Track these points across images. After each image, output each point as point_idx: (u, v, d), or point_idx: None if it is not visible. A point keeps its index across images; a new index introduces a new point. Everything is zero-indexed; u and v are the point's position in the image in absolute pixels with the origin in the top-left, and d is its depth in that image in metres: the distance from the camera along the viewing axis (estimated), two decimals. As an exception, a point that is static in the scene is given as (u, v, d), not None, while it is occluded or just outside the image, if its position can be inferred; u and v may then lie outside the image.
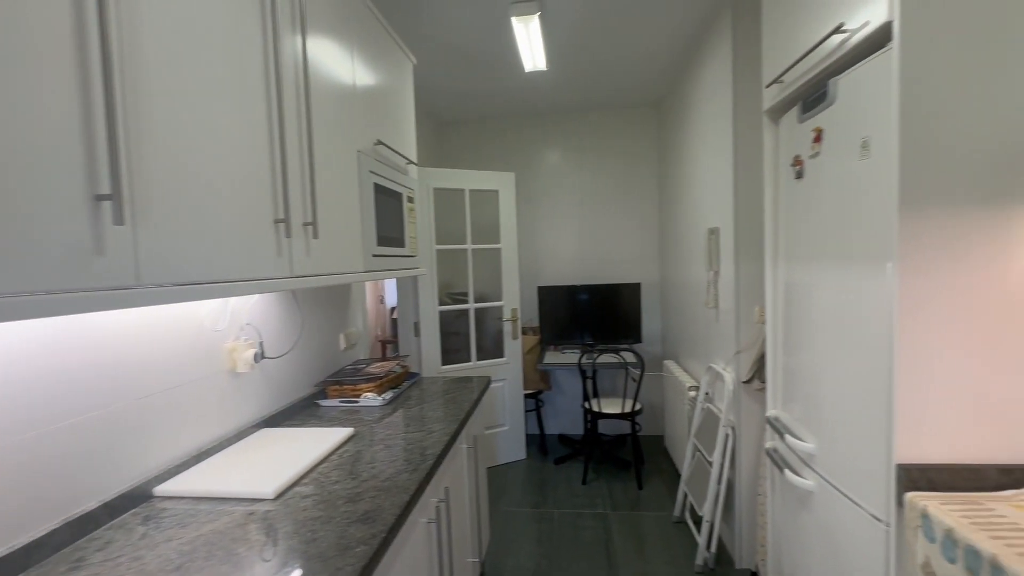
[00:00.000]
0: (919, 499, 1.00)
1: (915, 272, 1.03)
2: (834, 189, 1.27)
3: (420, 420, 1.62)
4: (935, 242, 1.02)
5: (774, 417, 1.66)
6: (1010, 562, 0.79)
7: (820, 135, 1.32)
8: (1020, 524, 0.89)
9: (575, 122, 3.76)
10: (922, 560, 0.98)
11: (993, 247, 1.01)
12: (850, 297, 1.21)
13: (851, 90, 1.19)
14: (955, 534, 0.90)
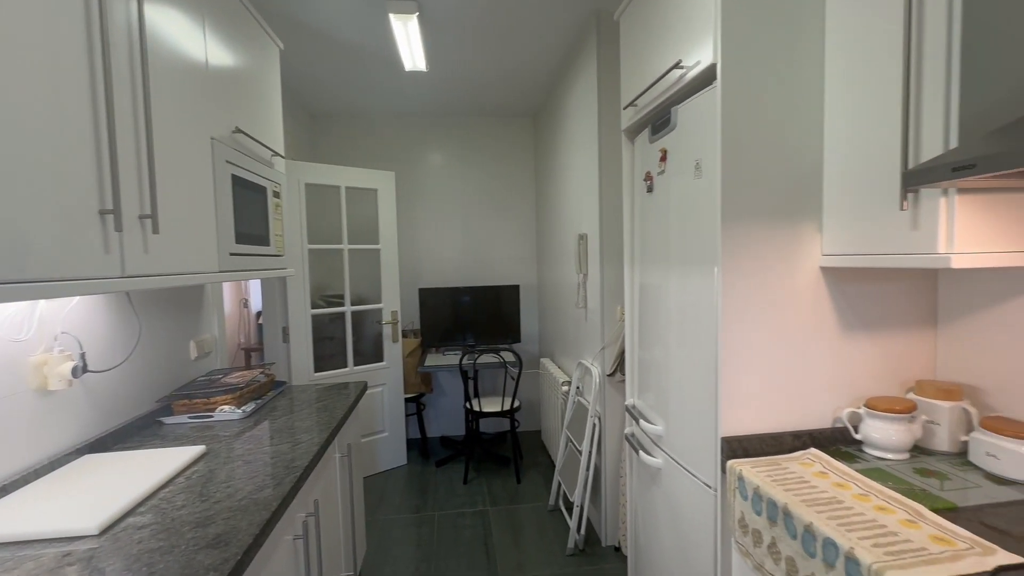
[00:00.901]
0: (736, 465, 1.19)
1: (733, 274, 1.23)
2: (676, 203, 1.46)
3: (287, 431, 1.52)
4: (747, 249, 1.23)
5: (631, 405, 1.85)
6: (796, 508, 0.98)
7: (666, 155, 1.51)
8: (804, 478, 1.11)
9: (458, 126, 3.80)
10: (739, 515, 1.17)
11: (786, 252, 1.24)
12: (689, 297, 1.40)
13: (688, 118, 1.38)
14: (760, 491, 1.09)
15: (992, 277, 1.17)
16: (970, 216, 0.93)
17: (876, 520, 0.92)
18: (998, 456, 1.06)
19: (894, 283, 1.29)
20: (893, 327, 1.30)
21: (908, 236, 1.01)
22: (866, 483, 1.06)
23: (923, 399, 1.22)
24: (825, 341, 1.27)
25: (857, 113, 1.13)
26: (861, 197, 1.12)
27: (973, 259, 0.92)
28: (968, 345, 1.24)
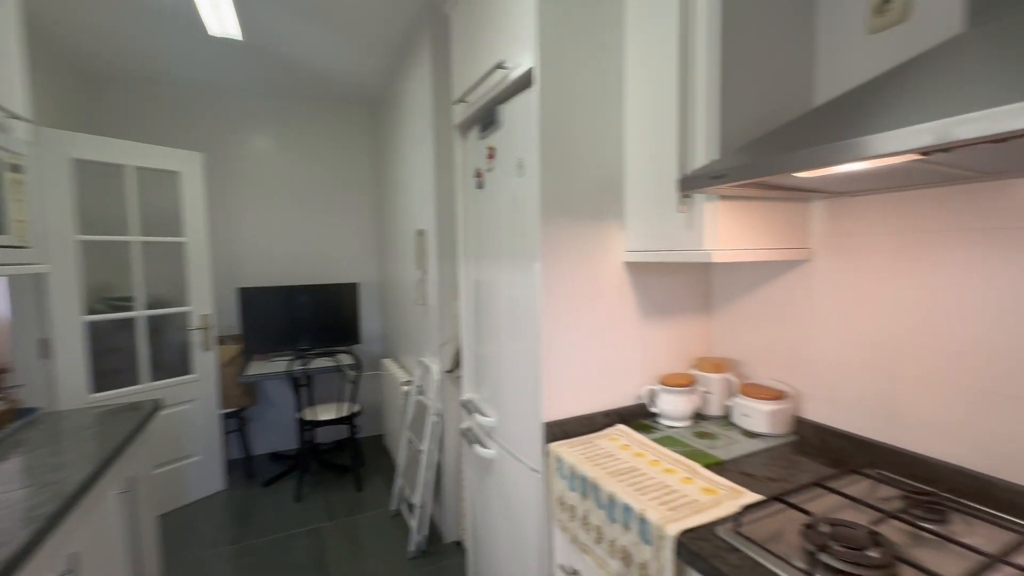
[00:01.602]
0: (556, 447, 1.27)
1: (552, 269, 1.31)
2: (504, 200, 1.51)
3: (32, 472, 1.18)
4: (564, 246, 1.32)
5: (467, 400, 1.87)
6: (602, 481, 1.08)
7: (493, 153, 1.54)
8: (611, 452, 1.23)
9: (288, 109, 3.43)
10: (558, 494, 1.25)
11: (597, 248, 1.37)
12: (518, 292, 1.45)
13: (512, 117, 1.43)
14: (575, 469, 1.18)
15: (744, 270, 1.44)
16: (728, 219, 1.12)
17: (663, 482, 1.06)
18: (750, 415, 1.31)
19: (680, 275, 1.50)
20: (681, 313, 1.52)
21: (685, 235, 1.18)
22: (658, 450, 1.22)
23: (701, 373, 1.45)
24: (629, 328, 1.43)
25: (648, 126, 1.28)
26: (652, 200, 1.28)
27: (728, 255, 1.12)
28: (731, 326, 1.50)
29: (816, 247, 1.25)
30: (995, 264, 0.93)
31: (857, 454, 1.16)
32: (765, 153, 0.83)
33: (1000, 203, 0.92)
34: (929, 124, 0.61)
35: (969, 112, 0.57)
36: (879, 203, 1.11)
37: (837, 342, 1.21)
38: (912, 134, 0.62)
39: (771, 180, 0.92)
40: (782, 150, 0.80)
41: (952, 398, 1.00)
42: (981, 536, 0.84)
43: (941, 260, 1.01)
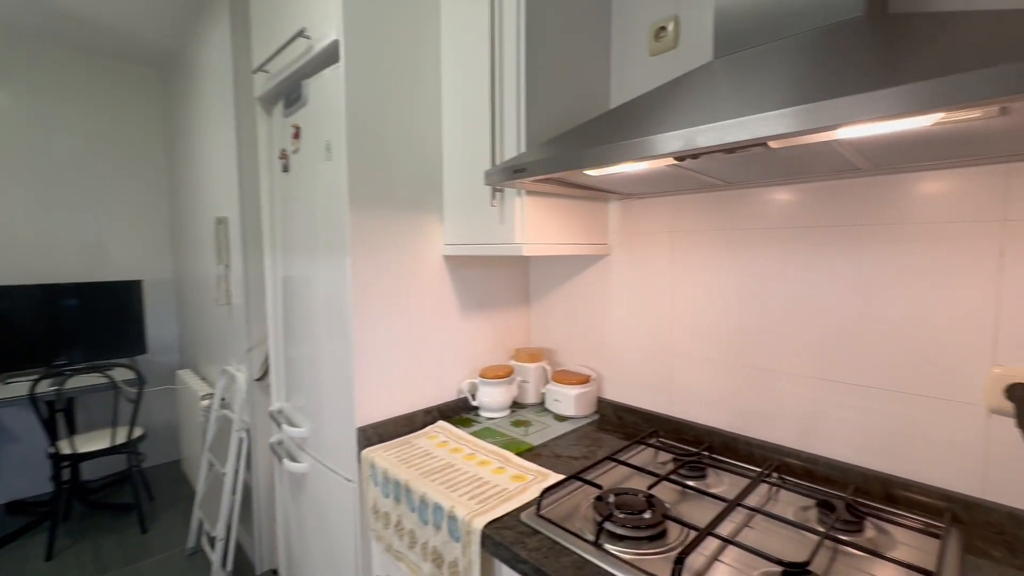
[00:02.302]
0: (370, 453, 1.18)
1: (365, 263, 1.21)
2: (312, 186, 1.36)
3: None
4: (379, 238, 1.24)
5: (277, 410, 1.66)
6: (414, 483, 1.03)
7: (299, 132, 1.38)
8: (429, 450, 1.19)
9: (41, 58, 2.64)
10: (372, 503, 1.17)
11: (415, 241, 1.31)
12: (331, 288, 1.32)
13: (318, 94, 1.29)
14: (388, 473, 1.11)
15: (556, 263, 1.54)
16: (535, 214, 1.16)
17: (476, 475, 1.06)
18: (560, 400, 1.39)
19: (500, 268, 1.54)
20: (501, 305, 1.55)
21: (498, 229, 1.19)
22: (475, 443, 1.22)
23: (519, 364, 1.50)
24: (450, 322, 1.41)
25: (463, 118, 1.27)
26: (468, 193, 1.27)
27: (536, 248, 1.16)
28: (546, 316, 1.59)
29: (613, 243, 1.38)
30: (739, 257, 1.13)
31: (645, 426, 1.31)
32: (558, 151, 0.87)
33: (741, 208, 1.12)
34: (678, 132, 0.68)
35: (707, 124, 0.66)
36: (658, 205, 1.27)
37: (629, 328, 1.35)
38: (666, 140, 0.69)
39: (567, 177, 0.97)
40: (573, 149, 0.84)
41: (710, 371, 1.19)
42: (727, 485, 1.00)
43: (702, 255, 1.19)
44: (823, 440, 1.02)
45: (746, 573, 0.73)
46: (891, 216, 0.91)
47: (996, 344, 0.82)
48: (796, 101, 0.58)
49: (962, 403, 0.86)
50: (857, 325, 0.96)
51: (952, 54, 0.52)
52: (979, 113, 0.55)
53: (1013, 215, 0.80)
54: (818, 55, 0.70)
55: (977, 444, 0.84)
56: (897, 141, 0.68)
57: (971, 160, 0.81)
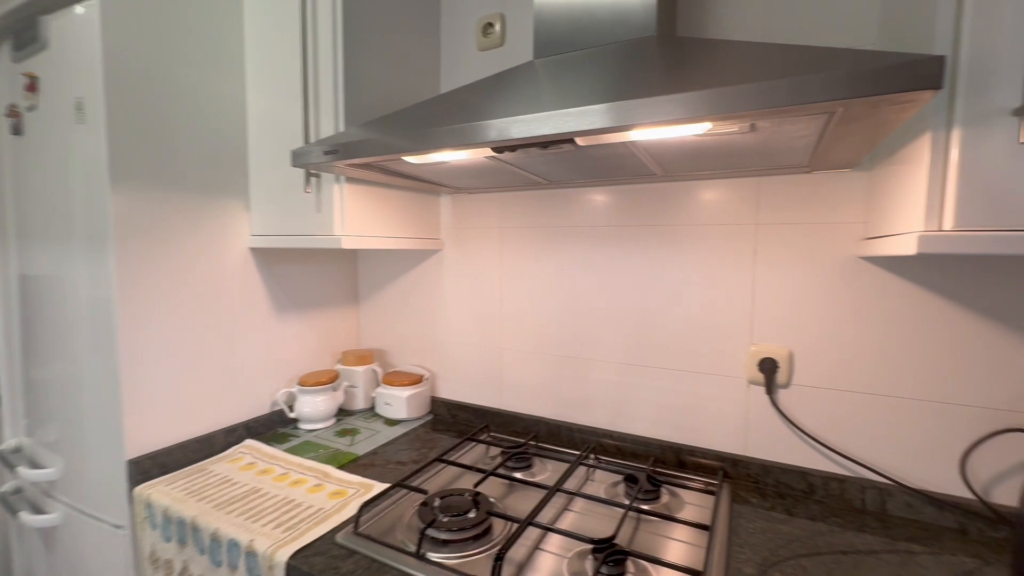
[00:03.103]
0: (145, 490, 0.96)
1: (136, 256, 0.98)
2: (60, 156, 1.05)
3: None
4: (157, 225, 1.01)
5: (12, 449, 1.26)
6: (204, 518, 0.86)
7: (35, 84, 1.06)
8: (229, 476, 1.01)
9: None
10: (150, 551, 0.95)
11: (212, 231, 1.11)
12: (91, 290, 1.03)
13: (63, 36, 1.00)
14: (170, 511, 0.91)
15: (388, 258, 1.45)
16: (357, 204, 1.07)
17: (287, 497, 0.93)
18: (391, 403, 1.31)
19: (323, 264, 1.39)
20: (325, 305, 1.41)
21: (314, 218, 1.07)
22: (289, 461, 1.07)
23: (345, 367, 1.38)
24: (261, 325, 1.23)
25: (272, 82, 1.11)
26: (279, 177, 1.11)
27: (359, 241, 1.07)
28: (377, 315, 1.49)
29: (446, 238, 1.35)
30: (560, 254, 1.18)
31: (477, 422, 1.31)
32: (374, 134, 0.80)
33: (562, 206, 1.17)
34: (493, 122, 0.67)
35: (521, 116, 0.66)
36: (487, 201, 1.27)
37: (461, 324, 1.34)
38: (481, 129, 0.68)
39: (387, 164, 0.90)
40: (390, 133, 0.78)
41: (536, 363, 1.23)
42: (550, 472, 1.04)
43: (527, 251, 1.23)
44: (630, 420, 1.12)
45: (563, 556, 0.76)
46: (679, 218, 1.04)
47: (752, 326, 0.99)
48: (597, 102, 0.61)
49: (730, 377, 1.02)
50: (655, 314, 1.08)
51: (723, 73, 0.59)
52: (736, 128, 0.64)
53: (763, 220, 0.97)
54: (620, 65, 0.75)
55: (740, 411, 1.01)
56: (679, 148, 0.76)
57: (734, 172, 0.96)
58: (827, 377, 0.93)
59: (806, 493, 0.95)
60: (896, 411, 0.88)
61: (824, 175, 0.91)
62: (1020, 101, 0.52)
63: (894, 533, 0.83)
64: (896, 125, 0.60)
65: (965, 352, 0.83)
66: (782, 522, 0.86)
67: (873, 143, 0.72)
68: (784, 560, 0.76)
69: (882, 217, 0.78)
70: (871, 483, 0.90)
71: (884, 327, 0.88)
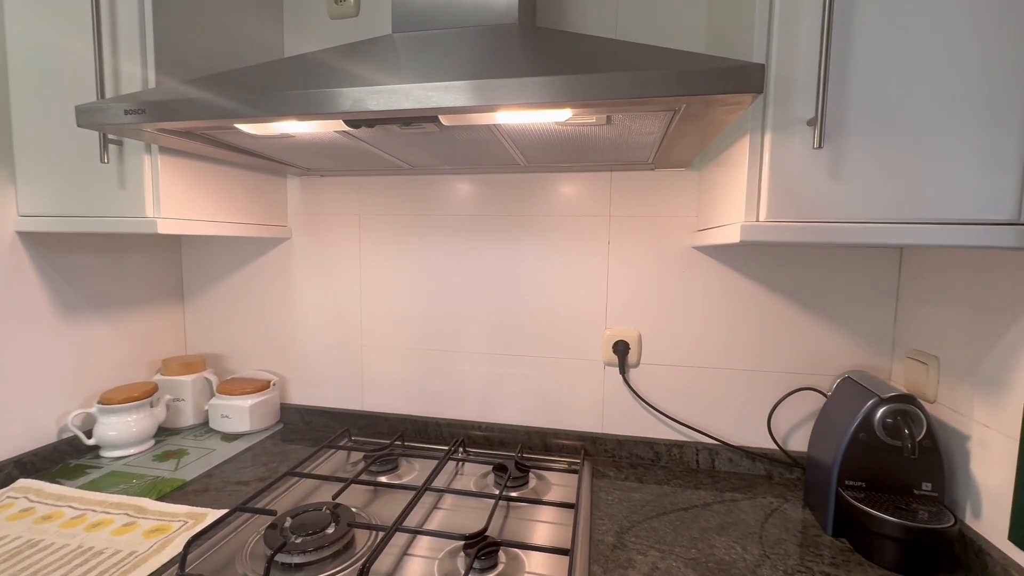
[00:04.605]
0: None
1: None
2: None
3: None
4: None
5: None
6: (-55, 594, 0.64)
7: None
8: (-10, 531, 0.77)
9: None
10: None
11: (-49, 211, 0.83)
12: None
13: None
14: None
15: (223, 248, 1.25)
16: (177, 180, 0.89)
17: (82, 546, 0.73)
18: (230, 415, 1.13)
19: (131, 253, 1.14)
20: (137, 304, 1.16)
21: (117, 196, 0.86)
22: (84, 500, 0.86)
23: (167, 378, 1.15)
24: (38, 331, 0.96)
25: (47, 20, 0.86)
26: (63, 142, 0.88)
27: (179, 225, 0.89)
28: (210, 314, 1.28)
29: (294, 225, 1.20)
30: (424, 244, 1.13)
31: (336, 427, 1.20)
32: (199, 93, 0.66)
33: (426, 194, 1.12)
34: (350, 90, 0.60)
35: (381, 86, 0.60)
36: (342, 185, 1.17)
37: (314, 320, 1.21)
38: (334, 97, 0.60)
39: (216, 134, 0.76)
40: (220, 94, 0.65)
41: (401, 359, 1.17)
42: (417, 471, 1.00)
43: (389, 241, 1.15)
44: (498, 409, 1.13)
45: (433, 557, 0.72)
46: (541, 208, 1.07)
47: (607, 311, 1.06)
48: (464, 78, 0.58)
49: (589, 361, 1.08)
50: (518, 303, 1.10)
51: (583, 63, 0.60)
52: (594, 119, 0.66)
53: (615, 212, 1.04)
54: (483, 47, 0.73)
55: (598, 391, 1.08)
56: (541, 137, 0.77)
57: (590, 166, 1.01)
58: (668, 355, 1.04)
59: (653, 461, 1.05)
60: (721, 380, 1.02)
61: (664, 172, 1.01)
62: (813, 112, 0.62)
63: (721, 486, 0.96)
64: (724, 127, 0.68)
65: (772, 327, 0.99)
66: (635, 490, 0.94)
67: (703, 144, 0.81)
68: (637, 524, 0.82)
69: (710, 211, 0.88)
70: (704, 445, 1.03)
71: (710, 308, 1.01)
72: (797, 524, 0.83)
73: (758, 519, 0.84)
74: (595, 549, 0.75)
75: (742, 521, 0.83)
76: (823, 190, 0.63)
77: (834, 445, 0.79)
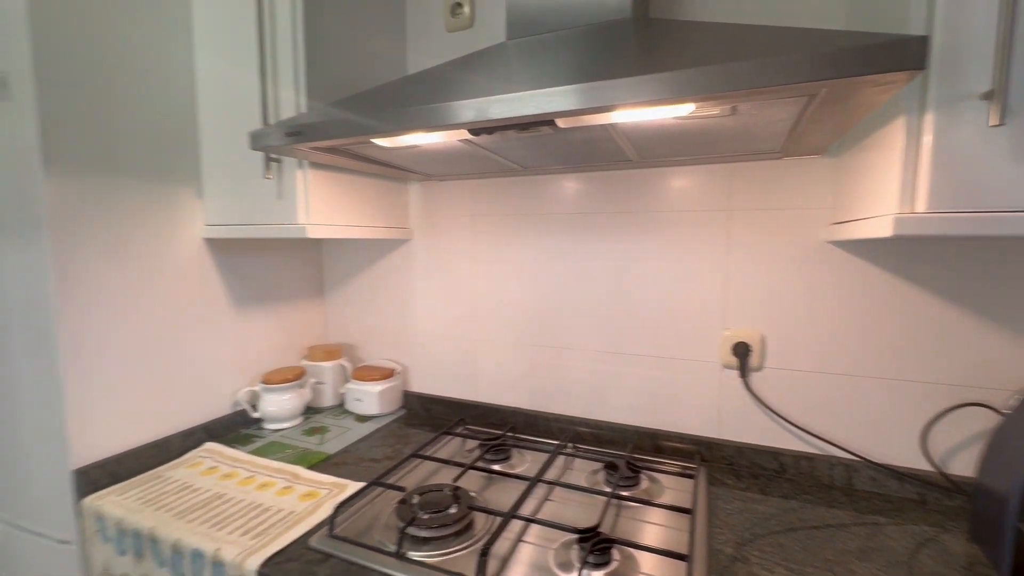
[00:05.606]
0: (96, 501, 0.89)
1: (77, 248, 0.89)
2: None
3: None
4: (100, 214, 0.92)
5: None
6: (163, 529, 0.80)
7: (-51, 56, 0.94)
8: (188, 482, 0.95)
9: None
10: (103, 566, 0.88)
11: (161, 220, 1.03)
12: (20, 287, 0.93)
13: (-19, 5, 0.89)
14: (124, 523, 0.84)
15: (355, 248, 1.40)
16: (322, 191, 1.01)
17: (254, 502, 0.88)
18: (362, 399, 1.27)
19: (285, 255, 1.32)
20: (289, 298, 1.34)
21: (275, 206, 1.00)
22: (254, 463, 1.02)
23: (312, 363, 1.32)
24: (218, 321, 1.15)
25: (226, 61, 1.03)
26: (235, 161, 1.04)
27: (325, 230, 1.01)
28: (345, 308, 1.44)
29: (415, 227, 1.30)
30: (533, 242, 1.16)
31: (451, 415, 1.28)
32: (343, 114, 0.75)
33: (535, 194, 1.15)
34: (472, 101, 0.64)
35: (501, 95, 0.63)
36: (458, 188, 1.24)
37: (433, 316, 1.30)
38: (459, 109, 0.64)
39: (356, 148, 0.86)
40: (360, 114, 0.73)
41: (511, 354, 1.21)
42: (529, 463, 1.03)
43: (500, 240, 1.20)
44: (606, 407, 1.12)
45: (548, 547, 0.75)
46: (653, 204, 1.04)
47: (726, 311, 1.00)
48: (580, 81, 0.59)
49: (704, 362, 1.03)
50: (629, 301, 1.08)
51: (707, 53, 0.58)
52: (718, 111, 0.63)
53: (736, 206, 0.98)
54: (596, 46, 0.73)
55: (714, 395, 1.03)
56: (658, 132, 0.75)
57: (708, 158, 0.96)
58: (797, 359, 0.96)
59: (778, 472, 0.98)
60: (861, 390, 0.92)
61: (794, 161, 0.93)
62: (990, 85, 0.53)
63: (860, 506, 0.86)
64: (872, 109, 0.61)
65: (923, 331, 0.86)
66: (757, 501, 0.88)
67: (844, 129, 0.73)
68: (761, 537, 0.77)
69: (851, 202, 0.79)
70: (838, 460, 0.93)
71: (849, 309, 0.91)
72: (960, 559, 0.72)
73: (908, 548, 0.75)
74: (713, 558, 0.72)
75: (888, 548, 0.75)
76: (1003, 174, 0.54)
77: (1015, 473, 0.67)
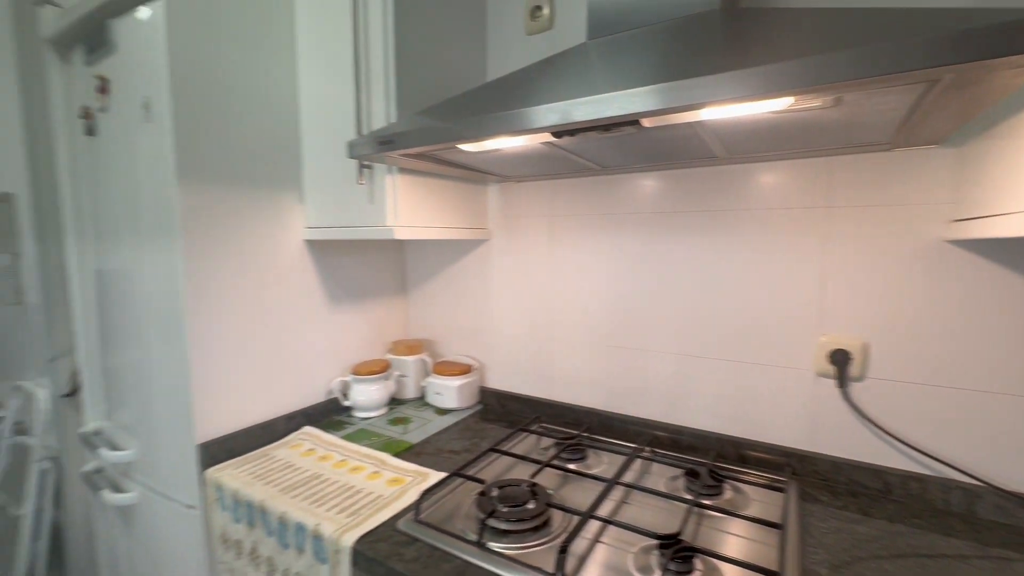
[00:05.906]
0: (216, 472, 1.00)
1: (202, 249, 1.01)
2: (129, 154, 1.10)
3: None
4: (220, 219, 1.04)
5: (93, 431, 1.35)
6: (271, 502, 0.89)
7: (107, 85, 1.11)
8: (291, 462, 1.04)
9: None
10: (220, 531, 1.00)
11: (269, 223, 1.14)
12: (158, 282, 1.08)
13: (131, 38, 1.04)
14: (239, 494, 0.95)
15: (435, 248, 1.46)
16: (409, 194, 1.07)
17: (347, 484, 0.95)
18: (442, 393, 1.32)
19: (373, 254, 1.41)
20: (376, 295, 1.43)
21: (367, 209, 1.08)
22: (346, 448, 1.10)
23: (396, 357, 1.40)
24: (316, 315, 1.26)
25: (325, 79, 1.12)
26: (332, 169, 1.13)
27: (410, 231, 1.07)
28: (425, 305, 1.51)
29: (493, 228, 1.34)
30: (612, 242, 1.15)
31: (527, 412, 1.30)
32: (432, 122, 0.79)
33: (613, 193, 1.14)
34: (556, 105, 0.65)
35: (584, 97, 0.63)
36: (536, 189, 1.25)
37: (510, 315, 1.33)
38: (543, 113, 0.66)
39: (441, 154, 0.90)
40: (447, 121, 0.77)
41: (587, 354, 1.21)
42: (605, 464, 1.03)
43: (578, 240, 1.20)
44: (686, 412, 1.09)
45: (626, 550, 0.74)
46: (741, 202, 0.99)
47: (822, 316, 0.94)
48: (665, 80, 0.58)
49: (796, 369, 0.97)
50: (711, 303, 1.04)
51: (808, 42, 0.55)
52: (819, 102, 0.59)
53: (835, 203, 0.91)
54: (682, 41, 0.71)
55: (807, 404, 0.96)
56: (751, 127, 0.72)
57: (803, 152, 0.90)
58: (908, 370, 0.87)
59: (882, 492, 0.90)
60: (986, 407, 0.82)
61: (906, 152, 0.85)
62: None
63: (984, 537, 0.77)
64: (1006, 93, 0.54)
65: (1071, 343, 0.75)
66: (857, 522, 0.82)
67: (969, 115, 0.66)
68: (862, 560, 0.72)
69: (980, 196, 0.71)
70: (956, 483, 0.84)
71: (973, 316, 0.82)
72: (1116, 608, 0.62)
73: (1047, 589, 0.66)
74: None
75: (1020, 587, 0.66)
76: None
77: None
